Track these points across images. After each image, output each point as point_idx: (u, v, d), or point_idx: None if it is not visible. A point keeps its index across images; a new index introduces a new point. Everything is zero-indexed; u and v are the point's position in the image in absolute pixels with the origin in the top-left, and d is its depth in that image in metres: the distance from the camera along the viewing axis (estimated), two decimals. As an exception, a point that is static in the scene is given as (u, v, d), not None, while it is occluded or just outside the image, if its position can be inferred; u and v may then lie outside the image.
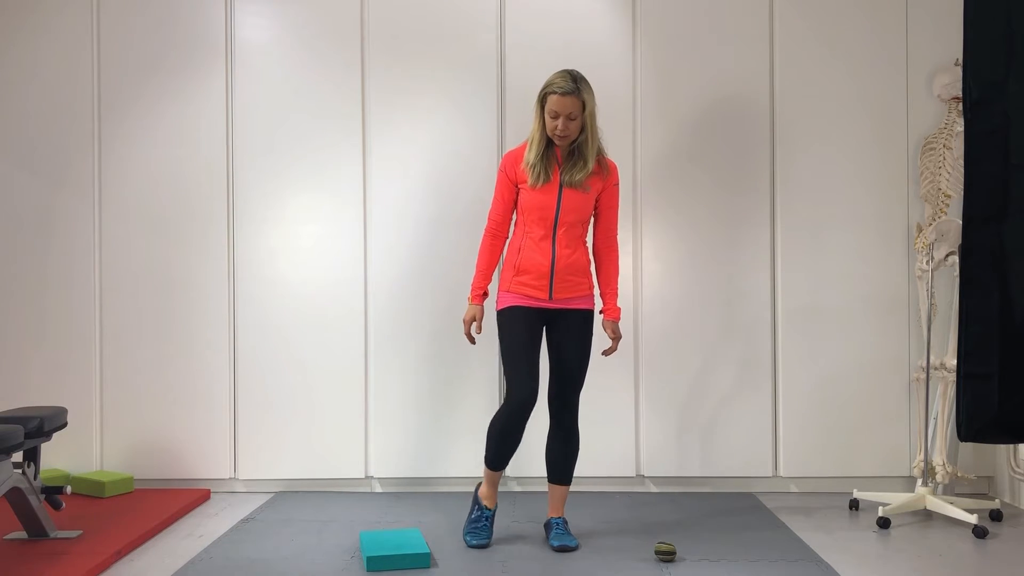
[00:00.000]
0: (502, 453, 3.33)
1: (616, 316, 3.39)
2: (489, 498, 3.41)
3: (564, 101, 3.14)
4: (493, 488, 3.41)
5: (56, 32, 4.22)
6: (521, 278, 3.28)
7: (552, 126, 3.18)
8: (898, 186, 4.16)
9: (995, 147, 2.05)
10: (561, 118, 3.16)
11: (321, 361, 4.18)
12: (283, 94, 4.20)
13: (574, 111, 3.16)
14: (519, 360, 3.25)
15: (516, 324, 3.27)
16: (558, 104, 3.15)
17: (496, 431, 3.30)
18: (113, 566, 3.13)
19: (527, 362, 3.25)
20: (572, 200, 3.25)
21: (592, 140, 3.24)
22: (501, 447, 3.31)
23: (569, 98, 3.14)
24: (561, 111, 3.15)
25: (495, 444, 3.31)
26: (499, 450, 3.32)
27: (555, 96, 3.15)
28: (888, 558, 3.21)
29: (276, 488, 4.21)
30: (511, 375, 3.26)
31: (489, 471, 3.38)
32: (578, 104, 3.16)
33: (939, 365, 3.95)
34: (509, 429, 3.27)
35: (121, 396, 4.20)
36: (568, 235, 3.27)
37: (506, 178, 3.33)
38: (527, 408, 3.24)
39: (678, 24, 4.19)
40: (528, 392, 3.23)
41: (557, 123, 3.17)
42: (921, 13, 4.16)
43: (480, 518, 3.39)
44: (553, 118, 3.17)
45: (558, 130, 3.17)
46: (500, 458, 3.34)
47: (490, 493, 3.41)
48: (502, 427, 3.28)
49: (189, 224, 4.21)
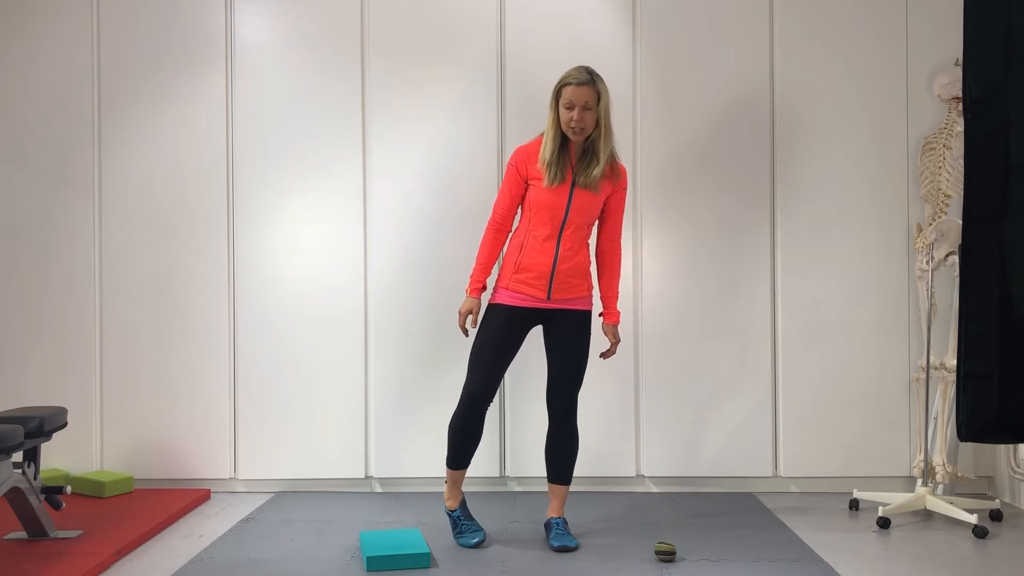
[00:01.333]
0: (460, 452, 3.34)
1: (616, 320, 3.39)
2: (452, 499, 3.41)
3: (580, 91, 3.14)
4: (454, 489, 3.41)
5: (56, 32, 4.23)
6: (520, 276, 3.27)
7: (567, 118, 3.16)
8: (898, 186, 4.16)
9: (995, 147, 2.05)
10: (577, 108, 3.14)
11: (321, 361, 4.18)
12: (283, 94, 4.20)
13: (590, 101, 3.15)
14: (483, 357, 3.27)
15: (496, 323, 3.28)
16: (574, 93, 3.14)
17: (453, 429, 3.32)
18: (113, 566, 3.13)
19: (490, 361, 3.26)
20: (582, 202, 3.24)
21: (606, 137, 3.22)
22: (459, 446, 3.33)
23: (584, 88, 3.14)
24: (576, 101, 3.14)
25: (453, 442, 3.34)
26: (457, 448, 3.34)
27: (571, 87, 3.15)
28: (888, 558, 3.21)
29: (276, 488, 4.21)
30: (470, 369, 3.29)
31: (449, 471, 3.39)
32: (593, 95, 3.15)
33: (939, 365, 3.95)
34: (462, 426, 3.30)
35: (121, 396, 4.20)
36: (573, 237, 3.26)
37: (516, 173, 3.30)
38: (477, 405, 3.27)
39: (678, 24, 4.19)
40: (480, 388, 3.25)
41: (573, 114, 3.15)
42: (921, 13, 4.16)
43: (456, 522, 3.40)
44: (568, 108, 3.15)
45: (573, 122, 3.15)
46: (456, 456, 3.35)
47: (451, 493, 3.41)
48: (457, 425, 3.31)
49: (189, 224, 4.21)
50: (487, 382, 3.27)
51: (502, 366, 3.31)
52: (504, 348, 3.29)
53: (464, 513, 3.41)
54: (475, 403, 3.28)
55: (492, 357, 3.27)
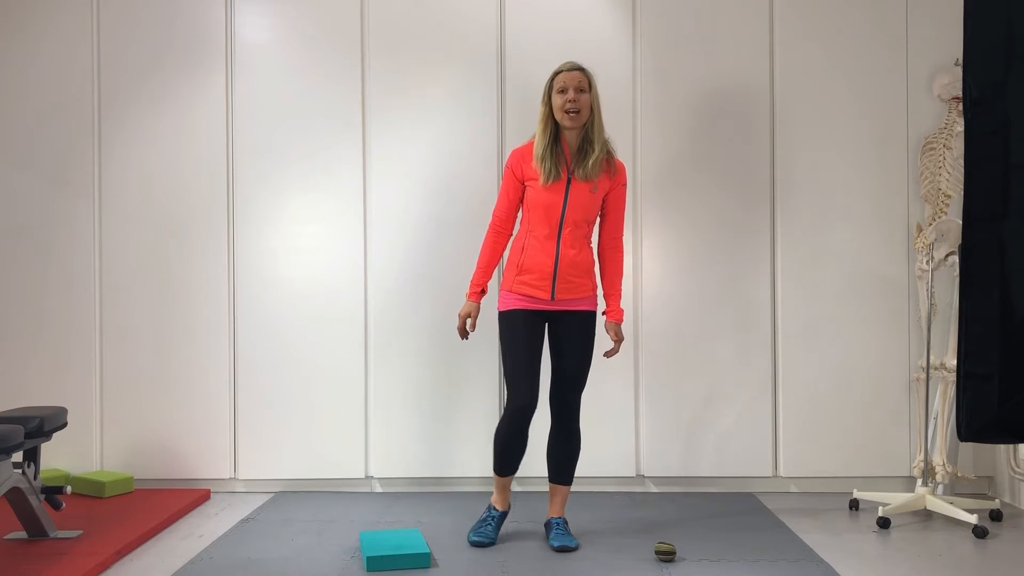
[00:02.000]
0: (506, 459, 3.34)
1: (619, 318, 3.39)
2: (499, 501, 3.43)
3: (572, 75, 3.22)
4: (502, 493, 3.43)
5: (56, 32, 4.23)
6: (523, 277, 3.27)
7: (562, 101, 3.20)
8: (898, 186, 4.16)
9: (995, 147, 2.05)
10: (571, 90, 3.19)
11: (321, 361, 4.18)
12: (283, 94, 4.20)
13: (583, 83, 3.21)
14: (518, 366, 3.25)
15: (517, 329, 3.27)
16: (567, 77, 3.21)
17: (499, 439, 3.32)
18: (113, 566, 3.13)
19: (526, 368, 3.25)
20: (579, 198, 3.25)
21: (598, 124, 3.26)
22: (505, 453, 3.33)
23: (576, 72, 3.23)
24: (570, 83, 3.20)
25: (499, 451, 3.33)
26: (503, 456, 3.34)
27: (563, 72, 3.23)
28: (888, 558, 3.21)
29: (276, 488, 4.21)
30: (510, 381, 3.27)
31: (497, 477, 3.39)
32: (585, 80, 3.23)
33: (939, 365, 3.95)
34: (510, 435, 3.29)
35: (121, 396, 4.20)
36: (573, 235, 3.27)
37: (512, 176, 3.33)
38: (527, 414, 3.25)
39: (678, 24, 4.19)
40: (527, 399, 3.23)
41: (568, 95, 3.19)
42: (921, 13, 4.16)
43: (487, 518, 3.40)
44: (562, 92, 3.20)
45: (568, 103, 3.19)
46: (505, 464, 3.35)
47: (500, 497, 3.43)
48: (504, 435, 3.30)
49: (189, 224, 4.21)
50: (531, 390, 3.25)
51: (537, 369, 3.29)
52: (533, 351, 3.29)
53: (499, 520, 3.41)
54: (523, 413, 3.25)
55: (526, 363, 3.25)
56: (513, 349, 3.27)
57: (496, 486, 3.42)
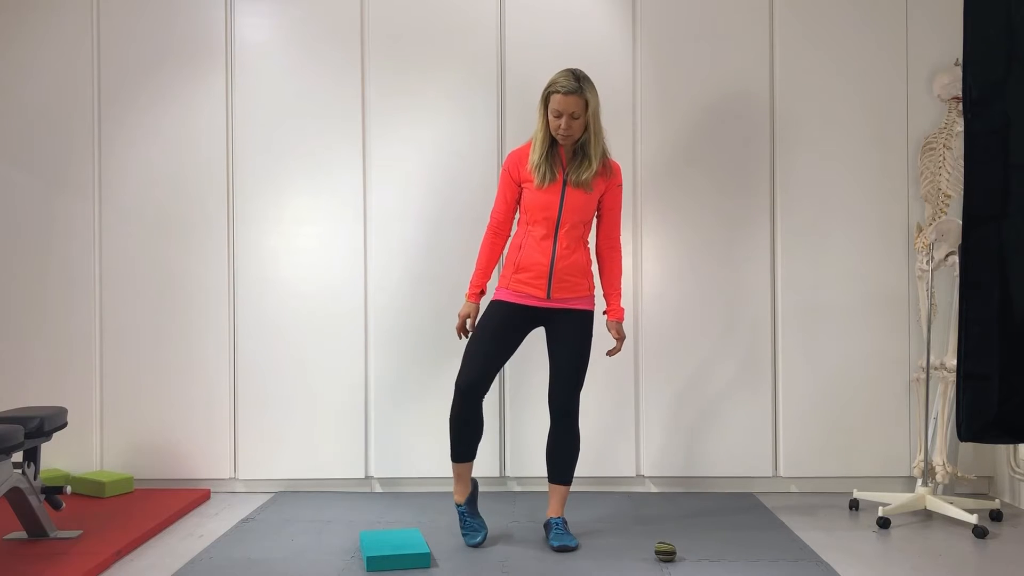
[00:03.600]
0: (459, 444, 3.33)
1: (620, 316, 3.39)
2: (459, 493, 3.40)
3: (567, 100, 3.14)
4: (461, 482, 3.39)
5: (56, 32, 4.22)
6: (520, 275, 3.29)
7: (555, 125, 3.18)
8: (898, 186, 4.16)
9: (995, 147, 2.05)
10: (564, 117, 3.16)
11: (321, 361, 4.18)
12: (283, 94, 4.20)
13: (577, 110, 3.15)
14: (475, 348, 3.28)
15: (494, 318, 3.30)
16: (561, 103, 3.15)
17: (449, 421, 3.32)
18: (113, 566, 3.13)
19: (482, 353, 3.26)
20: (575, 200, 3.25)
21: (596, 139, 3.24)
22: (454, 437, 3.32)
23: (572, 97, 3.14)
24: (564, 110, 3.15)
25: (450, 434, 3.33)
26: (453, 440, 3.33)
27: (558, 95, 3.15)
28: (888, 558, 3.21)
29: (276, 488, 4.21)
30: (464, 359, 3.29)
31: (454, 465, 3.38)
32: (581, 103, 3.15)
33: (939, 365, 3.95)
34: (459, 418, 3.29)
35: (121, 396, 4.20)
36: (570, 235, 3.27)
37: (509, 178, 3.34)
38: (469, 396, 3.26)
39: (678, 24, 4.19)
40: (469, 380, 3.24)
41: (560, 122, 3.17)
42: (921, 13, 4.16)
43: (461, 516, 3.40)
44: (556, 117, 3.17)
45: (561, 129, 3.18)
46: (457, 449, 3.34)
47: (459, 488, 3.40)
48: (452, 416, 3.30)
49: (189, 224, 4.21)
50: (478, 374, 3.26)
51: (495, 361, 3.30)
52: (499, 343, 3.29)
53: (470, 510, 3.40)
54: (466, 395, 3.27)
55: (484, 350, 3.27)
56: (480, 331, 3.30)
57: (454, 475, 3.39)
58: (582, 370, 3.33)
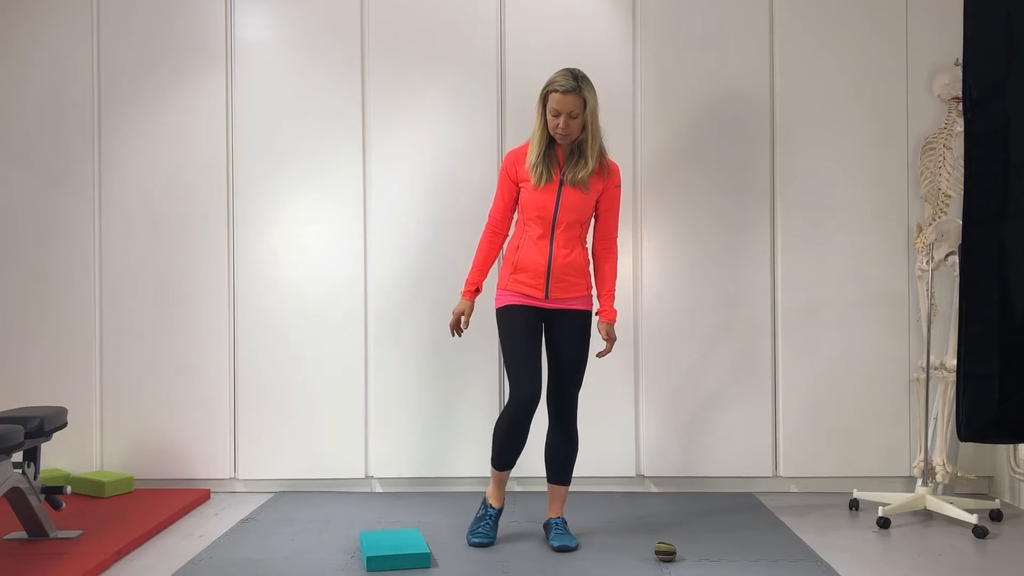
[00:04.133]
0: (507, 453, 3.32)
1: (611, 318, 3.37)
2: (495, 497, 3.41)
3: (565, 99, 3.14)
4: (499, 488, 3.41)
5: (56, 32, 4.22)
6: (518, 276, 3.29)
7: (554, 124, 3.18)
8: (898, 186, 4.16)
9: (995, 147, 2.05)
10: (563, 116, 3.16)
11: (321, 361, 4.18)
12: (283, 94, 4.20)
13: (575, 110, 3.16)
14: (519, 359, 3.24)
15: (515, 323, 3.28)
16: (559, 103, 3.15)
17: (501, 431, 3.30)
18: (113, 566, 3.13)
19: (528, 361, 3.24)
20: (571, 200, 3.25)
21: (594, 139, 3.24)
22: (506, 447, 3.31)
23: (570, 96, 3.14)
24: (562, 109, 3.15)
25: (499, 444, 3.31)
26: (504, 450, 3.31)
27: (556, 94, 3.15)
28: (888, 558, 3.21)
29: (276, 488, 4.21)
30: (512, 374, 3.26)
31: (495, 471, 3.38)
32: (579, 103, 3.16)
33: (939, 365, 3.95)
34: (513, 428, 3.27)
35: (121, 396, 4.20)
36: (566, 235, 3.27)
37: (507, 177, 3.34)
38: (530, 407, 3.24)
39: (678, 24, 4.19)
40: (530, 391, 3.22)
41: (559, 121, 3.17)
42: (921, 13, 4.16)
43: (484, 517, 3.39)
44: (555, 116, 3.17)
45: (559, 129, 3.18)
46: (505, 458, 3.33)
47: (496, 493, 3.41)
48: (506, 427, 3.27)
49: (189, 224, 4.21)
50: (534, 382, 3.23)
51: (538, 361, 3.29)
52: (533, 343, 3.29)
53: (496, 518, 3.39)
54: (526, 406, 3.23)
55: (526, 356, 3.25)
56: (513, 341, 3.27)
57: (493, 481, 3.40)
58: (581, 371, 3.33)
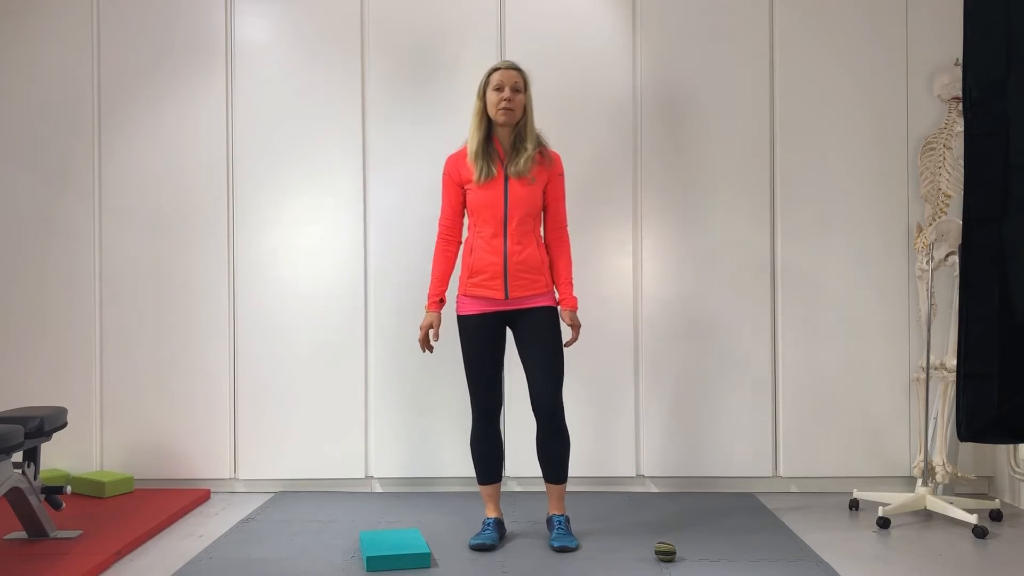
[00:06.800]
0: (485, 467, 3.41)
1: (573, 305, 3.37)
2: (489, 510, 3.45)
3: (509, 73, 3.28)
4: (490, 501, 3.45)
5: (56, 33, 4.23)
6: (475, 279, 3.30)
7: (497, 99, 3.25)
8: (898, 186, 4.16)
9: (995, 147, 2.05)
10: (507, 88, 3.25)
11: (321, 361, 4.18)
12: (283, 94, 4.20)
13: (519, 83, 3.27)
14: (475, 370, 3.33)
15: (472, 334, 3.32)
16: (503, 76, 3.27)
17: (474, 447, 3.40)
18: (113, 566, 3.13)
19: (484, 372, 3.32)
20: (519, 193, 3.27)
21: (531, 122, 3.32)
22: (482, 461, 3.41)
23: (513, 71, 3.29)
24: (507, 81, 3.26)
25: (475, 459, 3.42)
26: (481, 464, 3.41)
27: (499, 71, 3.28)
28: (888, 558, 3.21)
29: (276, 488, 4.21)
30: (470, 386, 3.36)
31: (480, 488, 3.45)
32: (521, 80, 3.28)
33: (939, 365, 3.95)
34: (482, 440, 3.38)
35: (121, 396, 4.20)
36: (520, 231, 3.28)
37: (451, 181, 3.37)
38: (490, 418, 3.34)
39: (678, 24, 4.19)
40: (489, 400, 3.33)
41: (503, 94, 3.24)
42: (921, 14, 4.16)
43: (484, 525, 3.41)
44: (498, 90, 3.25)
45: (503, 102, 3.24)
46: (485, 473, 3.42)
47: (489, 506, 3.45)
48: (476, 441, 3.39)
49: (189, 224, 4.21)
50: (489, 393, 3.34)
51: (497, 373, 3.35)
52: (491, 355, 3.33)
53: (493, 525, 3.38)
54: (485, 416, 3.35)
55: (483, 367, 3.32)
56: (467, 355, 3.34)
57: (483, 497, 3.46)
58: (558, 366, 3.30)
